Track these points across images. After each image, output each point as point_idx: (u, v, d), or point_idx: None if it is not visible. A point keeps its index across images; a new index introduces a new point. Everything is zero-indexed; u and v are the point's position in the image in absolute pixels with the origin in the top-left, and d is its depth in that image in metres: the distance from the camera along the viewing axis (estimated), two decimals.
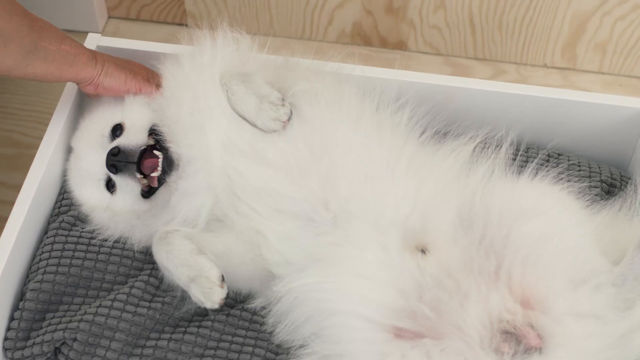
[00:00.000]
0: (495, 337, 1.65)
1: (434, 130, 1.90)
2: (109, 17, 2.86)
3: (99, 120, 1.93)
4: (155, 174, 1.83)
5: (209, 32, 1.97)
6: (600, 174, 2.03)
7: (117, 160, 1.81)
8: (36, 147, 1.96)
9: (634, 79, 2.65)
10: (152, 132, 1.88)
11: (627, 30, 2.57)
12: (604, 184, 2.00)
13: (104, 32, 2.80)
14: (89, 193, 1.92)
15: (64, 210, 1.98)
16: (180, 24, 2.85)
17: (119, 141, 1.85)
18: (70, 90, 2.07)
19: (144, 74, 1.93)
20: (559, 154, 2.05)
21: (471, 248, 1.74)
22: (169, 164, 1.84)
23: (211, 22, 1.99)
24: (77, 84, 1.91)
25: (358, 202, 1.78)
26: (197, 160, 1.82)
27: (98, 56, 1.88)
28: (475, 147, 1.87)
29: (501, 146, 1.86)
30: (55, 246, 1.90)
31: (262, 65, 1.96)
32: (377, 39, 2.73)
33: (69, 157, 2.00)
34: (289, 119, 1.83)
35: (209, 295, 1.71)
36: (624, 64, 2.64)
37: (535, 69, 2.68)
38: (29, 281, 1.87)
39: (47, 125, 2.46)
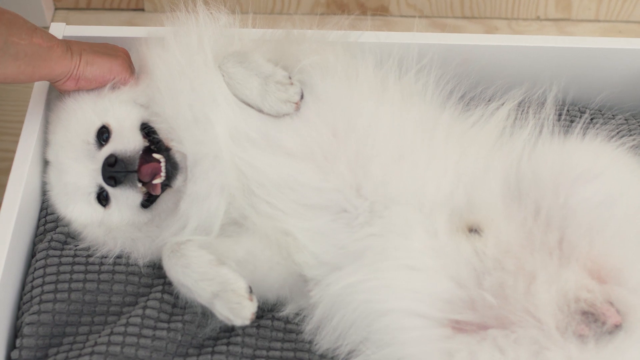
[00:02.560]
0: (573, 319, 1.47)
1: (463, 94, 1.70)
2: (55, 8, 2.59)
3: (78, 125, 1.68)
4: (158, 181, 1.59)
5: (187, 12, 1.72)
6: None
7: (115, 172, 1.57)
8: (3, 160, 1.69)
9: (633, 24, 2.51)
10: (145, 130, 1.64)
11: None
12: None
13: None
14: (79, 210, 1.68)
15: (50, 227, 1.73)
16: (137, 9, 2.59)
17: (112, 147, 1.61)
18: (39, 93, 1.81)
19: (126, 58, 1.69)
20: (601, 111, 1.87)
21: (527, 222, 1.57)
22: (173, 167, 1.60)
23: (183, 3, 1.75)
24: (53, 81, 1.65)
25: (395, 184, 1.58)
26: (206, 158, 1.59)
27: (73, 45, 1.63)
28: (514, 109, 1.67)
29: (543, 105, 1.67)
30: (49, 269, 1.66)
31: (259, 42, 1.73)
32: (356, 5, 2.54)
33: (47, 171, 1.74)
34: (302, 98, 1.61)
35: (238, 311, 1.50)
36: (621, 9, 2.49)
37: (528, 23, 2.52)
38: (23, 314, 1.63)
39: (14, 136, 2.20)
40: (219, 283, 1.51)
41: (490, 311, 1.51)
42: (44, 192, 1.76)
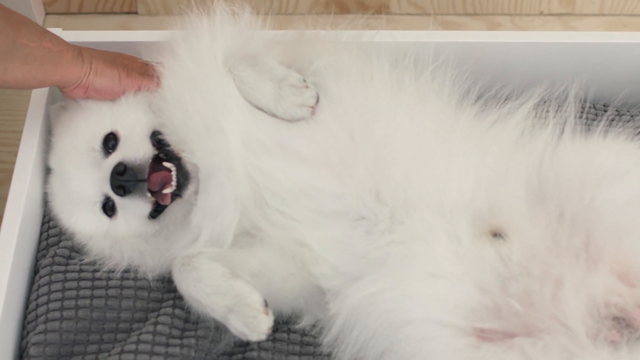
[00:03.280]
0: (604, 325, 1.42)
1: (481, 92, 1.64)
2: (46, 13, 2.52)
3: (84, 131, 1.60)
4: (168, 190, 1.52)
5: (202, 12, 1.65)
6: None
7: (125, 180, 1.50)
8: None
9: (638, 17, 2.45)
10: (154, 138, 1.57)
11: None
12: None
13: None
14: (83, 220, 1.61)
15: (53, 241, 1.67)
16: (130, 12, 2.52)
17: (120, 155, 1.54)
18: (38, 100, 1.74)
19: (138, 68, 1.62)
20: (625, 108, 1.82)
21: (552, 224, 1.52)
22: (184, 176, 1.54)
23: (194, 3, 1.67)
24: (62, 88, 1.58)
25: (416, 188, 1.52)
26: (219, 170, 1.53)
27: (84, 52, 1.56)
28: (533, 107, 1.61)
29: (563, 104, 1.62)
30: (54, 286, 1.59)
31: (269, 44, 1.66)
32: (355, 4, 2.48)
33: (49, 180, 1.67)
34: (317, 101, 1.54)
35: (254, 325, 1.44)
36: (626, 3, 2.44)
37: (531, 19, 2.47)
38: (28, 333, 1.56)
39: (8, 146, 2.13)
40: (233, 297, 1.45)
41: (516, 318, 1.45)
42: (45, 204, 1.69)
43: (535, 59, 1.76)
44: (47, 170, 1.68)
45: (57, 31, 1.83)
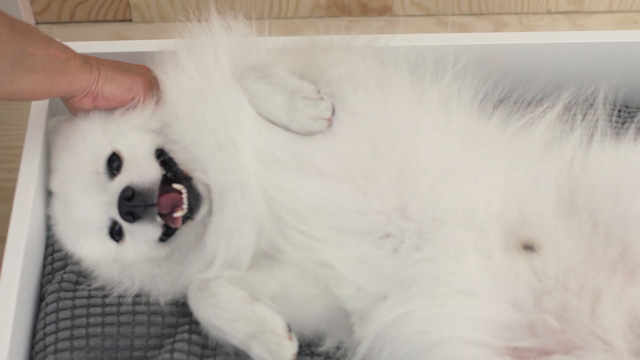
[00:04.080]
0: None
1: (502, 97, 1.57)
2: (37, 22, 2.43)
3: (85, 153, 1.52)
4: (180, 213, 1.44)
5: (201, 20, 1.57)
6: None
7: (134, 206, 1.41)
8: None
9: None
10: (160, 158, 1.49)
11: None
12: None
13: None
14: (90, 246, 1.52)
15: (58, 265, 1.58)
16: (124, 20, 2.44)
17: (127, 178, 1.45)
18: (37, 114, 1.65)
19: (147, 76, 1.54)
20: None
21: (585, 235, 1.45)
22: (195, 198, 1.45)
23: (193, 12, 1.59)
24: (68, 99, 1.49)
25: (443, 202, 1.45)
26: (234, 188, 1.45)
27: (91, 59, 1.49)
28: (561, 112, 1.54)
29: (591, 107, 1.55)
30: (62, 314, 1.50)
31: (279, 52, 1.58)
32: (357, 6, 2.41)
33: (51, 203, 1.58)
34: (333, 113, 1.47)
35: (278, 352, 1.37)
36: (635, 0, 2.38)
37: (538, 17, 2.41)
38: None
39: (5, 163, 2.04)
40: (255, 322, 1.38)
41: (552, 335, 1.38)
42: (48, 227, 1.61)
43: (563, 61, 1.69)
44: (48, 193, 1.60)
45: None
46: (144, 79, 1.53)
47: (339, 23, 2.37)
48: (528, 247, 1.44)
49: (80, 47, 1.69)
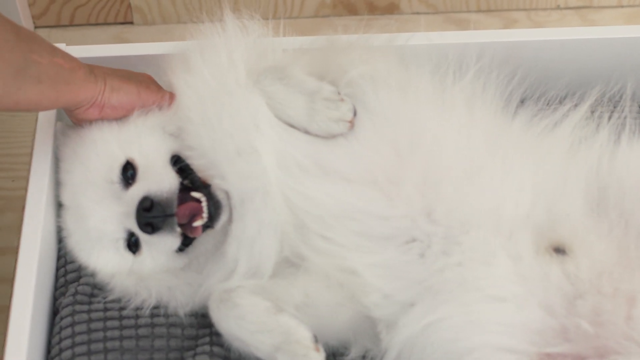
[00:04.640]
0: None
1: (526, 96, 1.53)
2: (35, 27, 2.38)
3: (97, 162, 1.47)
4: (199, 223, 1.39)
5: (212, 23, 1.52)
6: None
7: (152, 217, 1.36)
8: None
9: None
10: (176, 165, 1.44)
11: None
12: None
13: None
14: (105, 258, 1.48)
15: (72, 277, 1.53)
16: (126, 23, 2.39)
17: (144, 187, 1.40)
18: (45, 123, 1.60)
19: (152, 83, 1.50)
20: None
21: (617, 236, 1.41)
22: (215, 206, 1.40)
23: (204, 13, 1.55)
24: (73, 110, 1.45)
25: (470, 205, 1.40)
26: (255, 194, 1.40)
27: (96, 69, 1.44)
28: (588, 109, 1.50)
29: (618, 104, 1.51)
30: (78, 328, 1.45)
31: (295, 54, 1.54)
32: (364, 5, 2.38)
33: (62, 215, 1.53)
34: (355, 115, 1.42)
35: None
36: None
37: (548, 13, 2.38)
38: None
39: (7, 171, 1.97)
40: (281, 334, 1.33)
41: (586, 340, 1.35)
42: (60, 239, 1.56)
43: (588, 57, 1.65)
44: (58, 205, 1.55)
45: (60, 47, 1.69)
46: (150, 85, 1.49)
47: (347, 22, 2.34)
48: (559, 250, 1.40)
49: (81, 51, 1.66)
